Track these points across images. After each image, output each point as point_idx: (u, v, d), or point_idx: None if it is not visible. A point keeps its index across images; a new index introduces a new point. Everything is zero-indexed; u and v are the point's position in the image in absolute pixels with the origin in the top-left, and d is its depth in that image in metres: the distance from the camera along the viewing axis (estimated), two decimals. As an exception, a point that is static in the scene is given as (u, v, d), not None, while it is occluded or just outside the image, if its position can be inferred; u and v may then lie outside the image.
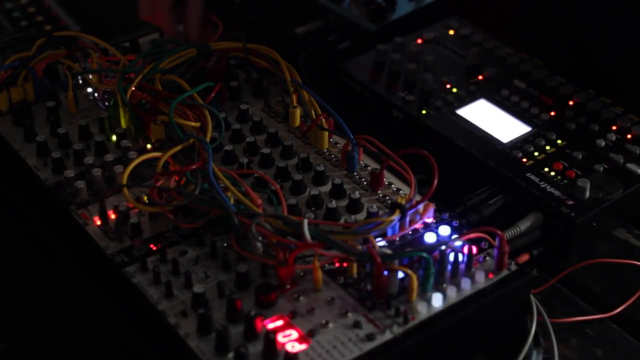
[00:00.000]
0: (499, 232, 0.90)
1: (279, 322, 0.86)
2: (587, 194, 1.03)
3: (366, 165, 1.03)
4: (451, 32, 1.28)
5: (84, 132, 1.07)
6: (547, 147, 1.09)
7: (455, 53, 1.25)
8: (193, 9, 1.20)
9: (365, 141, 1.01)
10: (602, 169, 1.06)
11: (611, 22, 1.17)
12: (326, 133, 1.05)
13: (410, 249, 0.90)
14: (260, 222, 0.89)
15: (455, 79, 1.20)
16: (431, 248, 0.89)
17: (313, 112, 1.06)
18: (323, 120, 1.04)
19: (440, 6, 1.34)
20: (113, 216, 0.97)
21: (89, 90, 1.12)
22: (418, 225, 0.94)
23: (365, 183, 1.01)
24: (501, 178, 1.06)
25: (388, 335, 0.85)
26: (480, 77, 1.20)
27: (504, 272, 0.91)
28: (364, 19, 1.34)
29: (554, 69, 1.19)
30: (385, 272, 0.87)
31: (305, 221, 0.87)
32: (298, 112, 1.08)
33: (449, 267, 0.90)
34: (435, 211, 0.97)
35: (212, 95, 1.06)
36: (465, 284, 0.89)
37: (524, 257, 0.98)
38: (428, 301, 0.87)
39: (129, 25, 1.30)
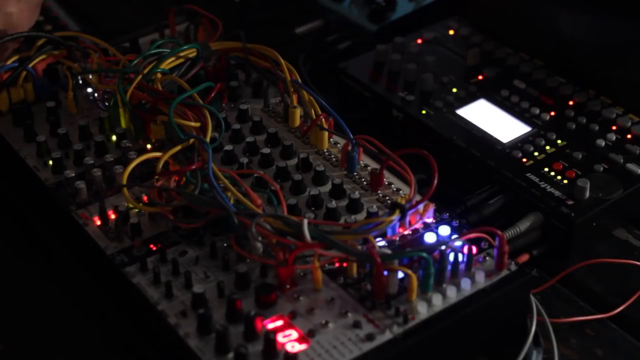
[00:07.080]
0: (499, 232, 0.90)
1: (279, 322, 0.86)
2: (587, 194, 1.03)
3: (366, 165, 1.03)
4: (451, 32, 1.28)
5: (84, 132, 1.07)
6: (547, 147, 1.09)
7: (455, 53, 1.24)
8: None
9: (365, 141, 1.01)
10: (602, 169, 1.06)
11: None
12: (326, 133, 1.05)
13: (410, 249, 0.90)
14: (260, 222, 0.89)
15: (455, 79, 1.20)
16: (431, 248, 0.89)
17: (313, 112, 1.06)
18: (323, 120, 1.04)
19: (440, 6, 1.34)
20: (113, 216, 0.96)
21: (89, 90, 1.12)
22: (418, 225, 0.94)
23: (365, 183, 1.01)
24: (501, 178, 1.06)
25: (388, 335, 0.85)
26: (480, 77, 1.20)
27: (504, 272, 0.91)
28: (364, 19, 1.34)
29: (554, 69, 1.19)
30: (385, 272, 0.87)
31: (305, 221, 0.87)
32: (298, 112, 1.08)
33: (449, 267, 0.89)
34: (435, 211, 0.96)
35: (212, 95, 1.06)
36: (465, 284, 0.89)
37: (524, 257, 0.98)
38: (428, 301, 0.87)
39: (129, 25, 1.30)
